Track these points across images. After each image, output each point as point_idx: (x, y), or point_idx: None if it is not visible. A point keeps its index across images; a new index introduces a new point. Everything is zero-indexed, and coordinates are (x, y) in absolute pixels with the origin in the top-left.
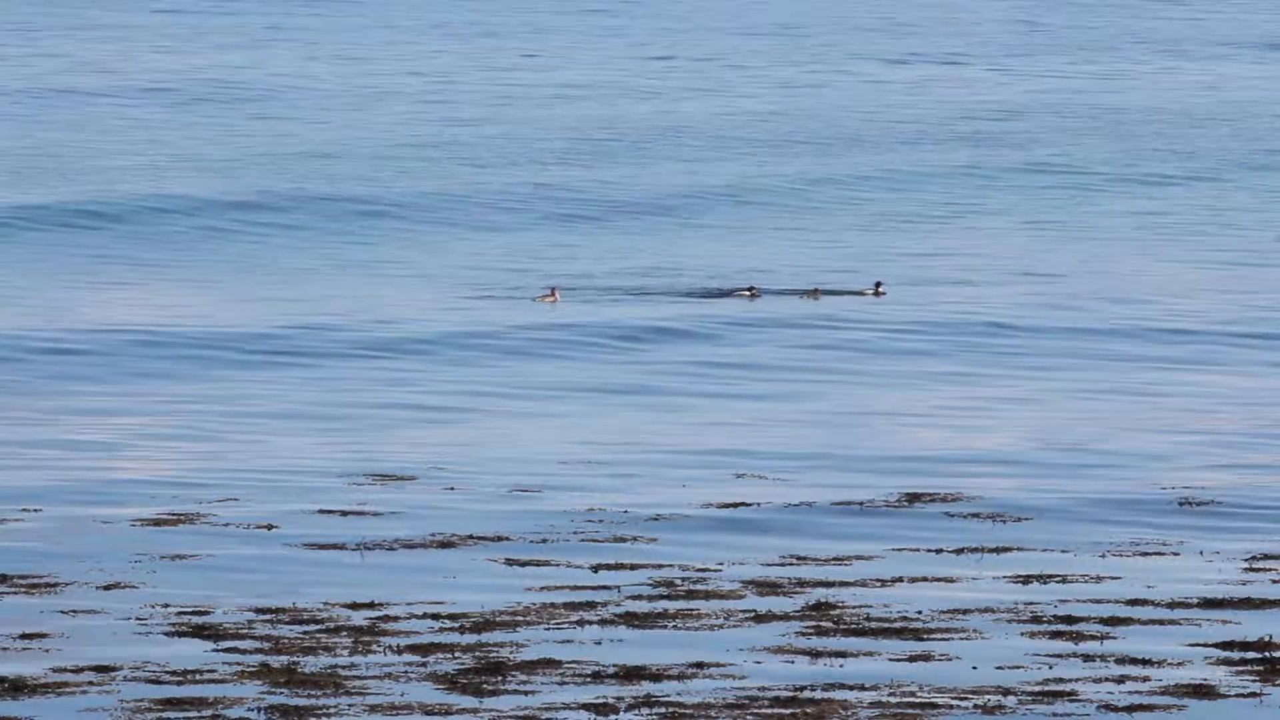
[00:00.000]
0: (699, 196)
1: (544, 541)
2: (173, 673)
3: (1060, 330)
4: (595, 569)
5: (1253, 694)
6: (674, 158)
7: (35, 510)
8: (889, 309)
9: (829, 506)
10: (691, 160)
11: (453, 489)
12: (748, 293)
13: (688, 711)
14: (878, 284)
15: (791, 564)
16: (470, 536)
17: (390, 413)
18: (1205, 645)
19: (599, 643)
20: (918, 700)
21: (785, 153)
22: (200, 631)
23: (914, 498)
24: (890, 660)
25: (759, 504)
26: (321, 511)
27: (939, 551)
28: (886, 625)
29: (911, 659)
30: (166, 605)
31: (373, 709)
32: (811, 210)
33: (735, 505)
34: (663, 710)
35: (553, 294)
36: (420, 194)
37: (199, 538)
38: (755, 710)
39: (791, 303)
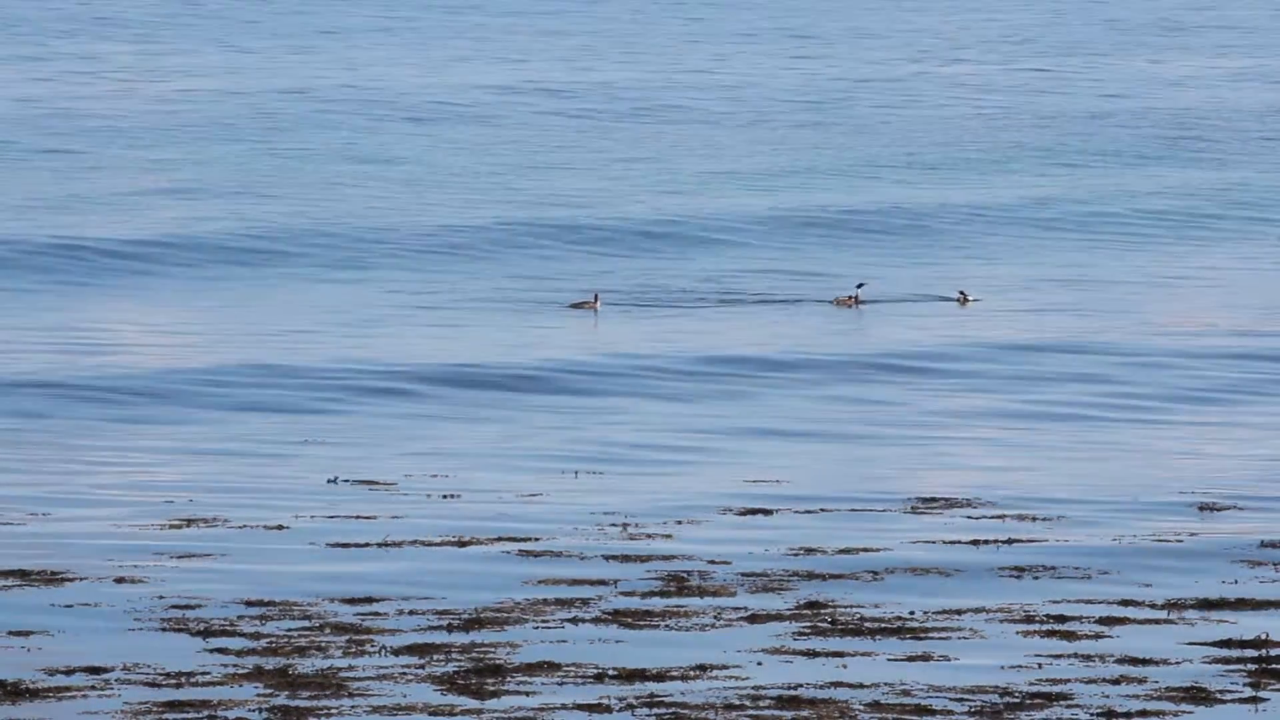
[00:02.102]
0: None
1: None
2: (166, 674)
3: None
4: (609, 559)
5: (1251, 699)
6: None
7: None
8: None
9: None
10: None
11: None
12: (849, 300)
13: (686, 713)
14: (962, 292)
15: (801, 555)
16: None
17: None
18: (1202, 644)
19: (591, 643)
20: (915, 703)
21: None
22: (189, 626)
23: (926, 500)
24: (888, 660)
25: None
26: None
27: (954, 543)
28: (883, 625)
29: (910, 659)
30: (161, 597)
31: (375, 709)
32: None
33: (754, 512)
34: (661, 710)
35: (594, 300)
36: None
37: (213, 539)
38: (753, 712)
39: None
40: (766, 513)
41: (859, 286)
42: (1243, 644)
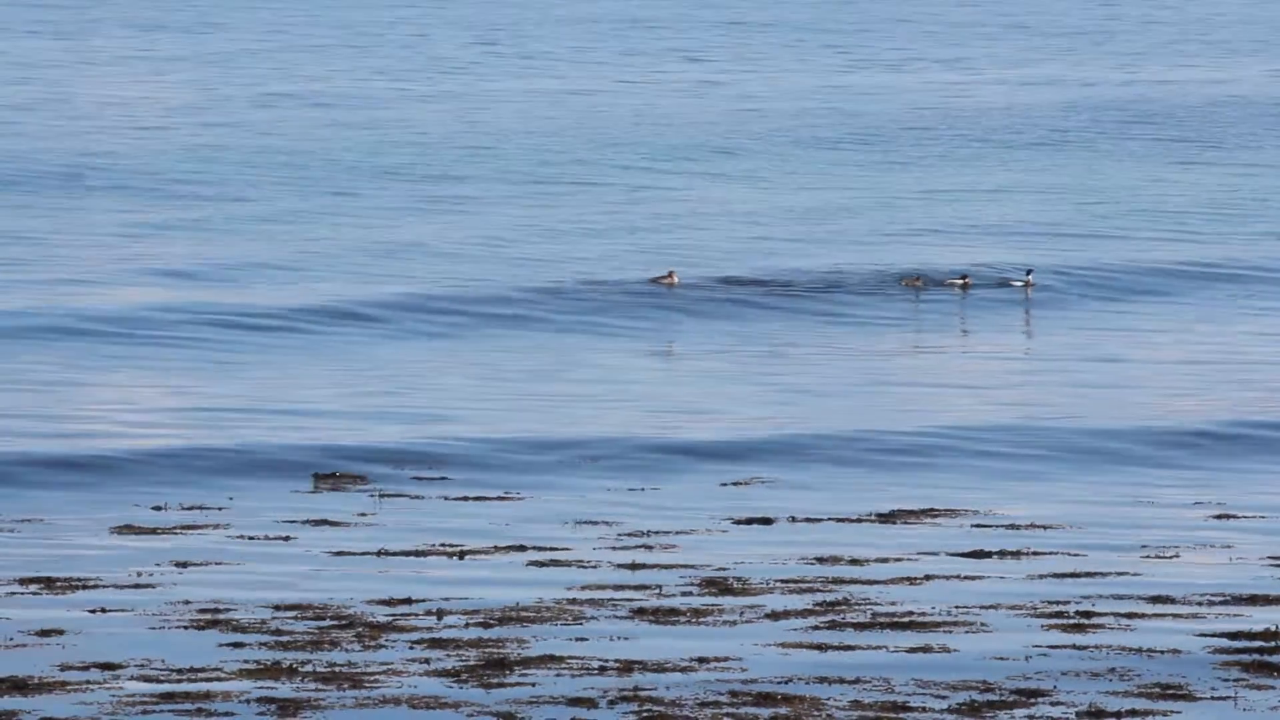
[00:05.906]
0: None
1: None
2: (174, 669)
3: None
4: (633, 566)
5: (1229, 697)
6: None
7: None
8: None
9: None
10: None
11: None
12: (960, 283)
13: (662, 709)
14: (1029, 273)
15: (816, 563)
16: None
17: None
18: (1205, 635)
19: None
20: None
21: None
22: (212, 625)
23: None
24: (888, 654)
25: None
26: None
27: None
28: (892, 619)
29: (895, 651)
30: (188, 602)
31: (360, 703)
32: None
33: (761, 520)
34: (638, 707)
35: (670, 276)
36: None
37: (225, 543)
38: (730, 709)
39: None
40: None
41: (963, 277)
42: (1251, 635)
